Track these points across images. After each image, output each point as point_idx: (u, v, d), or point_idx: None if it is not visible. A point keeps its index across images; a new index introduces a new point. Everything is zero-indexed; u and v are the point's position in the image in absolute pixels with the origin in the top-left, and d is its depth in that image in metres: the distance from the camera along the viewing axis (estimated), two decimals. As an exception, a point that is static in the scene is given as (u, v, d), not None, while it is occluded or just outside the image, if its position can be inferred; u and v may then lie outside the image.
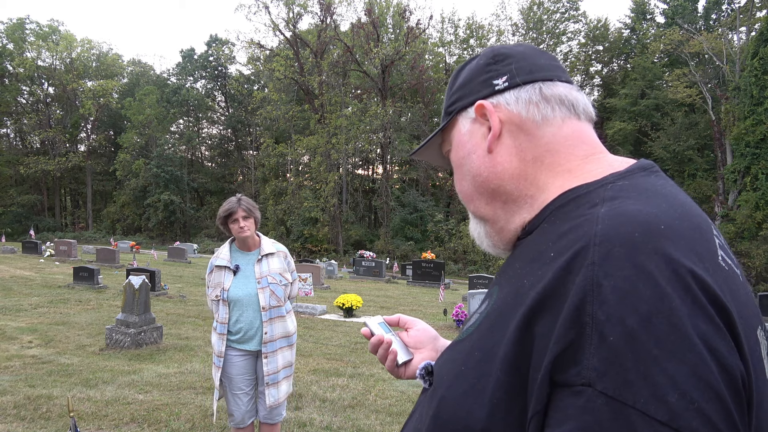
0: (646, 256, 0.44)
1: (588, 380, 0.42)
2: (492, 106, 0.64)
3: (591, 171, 0.60)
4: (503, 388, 0.50)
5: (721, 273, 0.47)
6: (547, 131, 0.62)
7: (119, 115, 43.20)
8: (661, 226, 0.46)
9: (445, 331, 8.07)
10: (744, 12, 26.93)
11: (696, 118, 28.34)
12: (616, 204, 0.51)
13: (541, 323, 0.47)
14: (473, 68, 0.69)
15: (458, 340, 0.64)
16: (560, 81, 0.65)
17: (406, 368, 0.82)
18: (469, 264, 27.24)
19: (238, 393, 2.76)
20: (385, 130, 32.12)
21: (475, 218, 0.71)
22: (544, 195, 0.61)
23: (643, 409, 0.39)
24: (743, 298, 0.50)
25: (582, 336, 0.43)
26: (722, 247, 0.52)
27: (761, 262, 21.34)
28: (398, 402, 4.43)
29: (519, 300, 0.52)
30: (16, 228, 37.75)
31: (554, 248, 0.51)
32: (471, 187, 0.68)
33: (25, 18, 40.50)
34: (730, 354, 0.42)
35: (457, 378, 0.57)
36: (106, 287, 11.74)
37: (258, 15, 72.38)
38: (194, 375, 5.08)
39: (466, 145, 0.68)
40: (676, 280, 0.43)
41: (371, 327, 0.87)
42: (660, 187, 0.55)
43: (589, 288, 0.44)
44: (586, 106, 0.65)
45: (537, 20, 35.14)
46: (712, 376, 0.40)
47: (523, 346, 0.48)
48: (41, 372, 5.13)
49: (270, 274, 2.78)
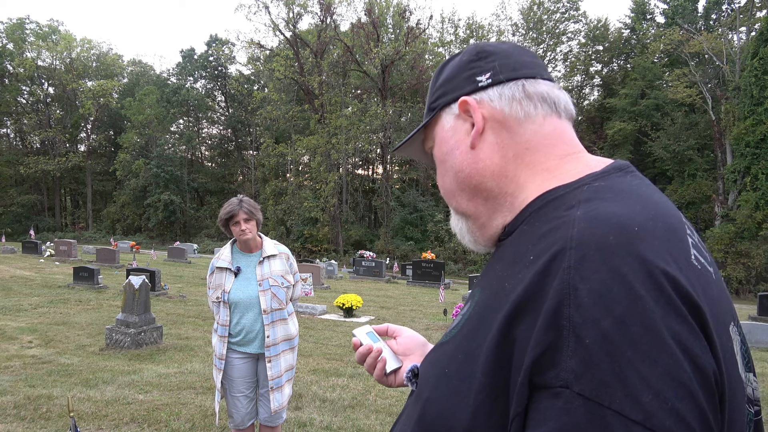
0: (620, 259, 0.44)
1: (566, 382, 0.42)
2: (476, 102, 0.64)
3: (569, 171, 0.61)
4: (485, 390, 0.50)
5: (693, 272, 0.48)
6: (528, 128, 0.63)
7: (119, 115, 43.15)
8: (635, 228, 0.47)
9: (445, 331, 8.07)
10: (744, 12, 26.91)
11: (696, 118, 28.31)
12: (591, 206, 0.51)
13: (521, 326, 0.48)
14: (456, 65, 0.69)
15: (442, 342, 0.64)
16: (543, 79, 0.65)
17: (395, 376, 0.83)
18: (469, 264, 27.24)
19: (238, 395, 2.75)
20: (385, 130, 32.10)
21: (457, 214, 0.71)
22: (523, 194, 0.62)
23: (618, 410, 0.40)
24: (716, 296, 0.50)
25: (560, 339, 0.43)
26: (695, 246, 0.53)
27: (761, 262, 21.32)
28: (398, 402, 4.43)
29: (500, 303, 0.52)
30: (16, 228, 37.72)
31: (533, 251, 0.52)
32: (453, 183, 0.68)
33: (25, 18, 40.48)
34: (703, 352, 0.43)
35: (440, 380, 0.58)
36: (106, 287, 11.73)
37: (258, 15, 72.44)
38: (194, 375, 5.08)
39: (449, 141, 0.68)
40: (649, 281, 0.44)
41: (359, 337, 0.87)
42: (635, 187, 0.56)
43: (565, 291, 0.45)
44: (567, 104, 0.66)
45: (537, 20, 35.11)
46: (686, 375, 0.41)
47: (504, 349, 0.49)
48: (41, 372, 5.12)
49: (272, 276, 2.75)
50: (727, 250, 22.35)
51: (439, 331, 8.02)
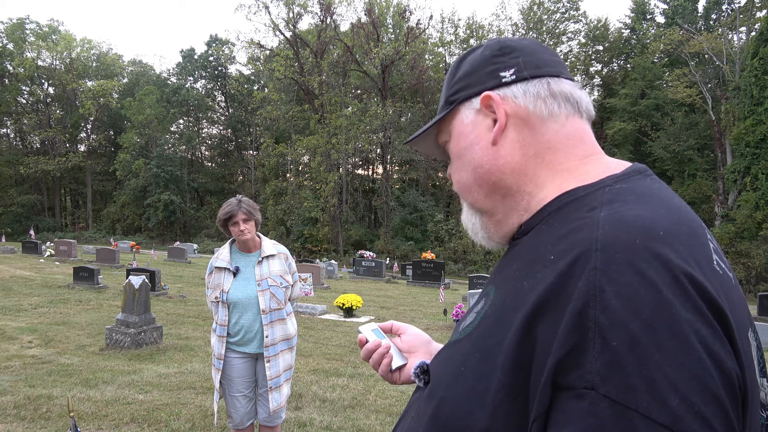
0: (647, 263, 0.44)
1: (591, 384, 0.42)
2: (499, 97, 0.63)
3: (589, 172, 0.60)
4: (504, 389, 0.50)
5: (716, 277, 0.48)
6: (550, 128, 0.62)
7: (119, 115, 43.15)
8: (660, 232, 0.47)
9: (445, 331, 8.07)
10: (744, 12, 26.91)
11: (696, 118, 28.32)
12: (615, 208, 0.51)
13: (543, 326, 0.47)
14: (477, 59, 0.67)
15: (456, 339, 0.64)
16: (565, 78, 0.65)
17: (400, 373, 0.83)
18: (469, 264, 27.23)
19: (237, 395, 2.75)
20: (385, 130, 32.09)
21: (471, 209, 0.70)
22: (542, 193, 0.62)
23: (645, 413, 0.40)
24: (736, 301, 0.51)
25: (585, 340, 0.43)
26: (716, 251, 0.53)
27: (761, 262, 21.33)
28: (398, 402, 4.43)
29: (519, 302, 0.52)
30: (16, 228, 37.73)
31: (554, 251, 0.51)
32: (471, 179, 0.67)
33: (25, 18, 40.47)
34: (728, 357, 0.43)
35: (456, 379, 0.57)
36: (106, 287, 11.74)
37: (258, 15, 72.37)
38: (194, 375, 5.08)
39: (468, 136, 0.67)
40: (676, 285, 0.44)
41: (366, 334, 0.88)
42: (656, 191, 0.55)
43: (591, 293, 0.44)
44: (588, 105, 0.65)
45: (537, 20, 35.09)
46: (712, 380, 0.41)
47: (524, 349, 0.49)
48: (41, 372, 5.13)
49: (270, 276, 2.76)
50: (727, 250, 22.35)
51: (439, 331, 8.02)
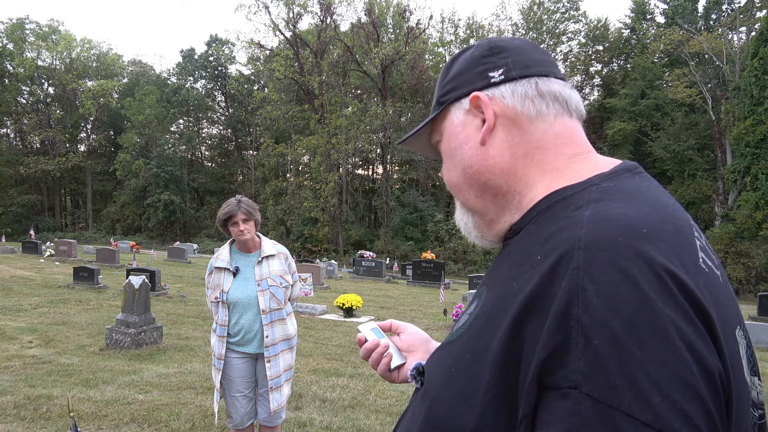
0: (629, 261, 0.44)
1: (574, 383, 0.42)
2: (487, 98, 0.64)
3: (578, 171, 0.60)
4: (492, 390, 0.50)
5: (701, 275, 0.48)
6: (539, 127, 0.63)
7: (119, 115, 43.15)
8: (643, 230, 0.47)
9: (445, 331, 8.07)
10: (744, 12, 26.91)
11: (696, 118, 28.31)
12: (600, 207, 0.51)
13: (529, 327, 0.48)
14: (468, 59, 0.68)
15: (449, 341, 0.64)
16: (555, 77, 0.65)
17: (399, 372, 0.83)
18: (469, 264, 27.23)
19: (237, 395, 2.75)
20: (385, 130, 32.09)
21: (464, 209, 0.71)
22: (531, 193, 0.62)
23: (627, 411, 0.40)
24: (723, 299, 0.50)
25: (568, 340, 0.43)
26: (703, 249, 0.52)
27: (761, 262, 21.32)
28: (398, 402, 4.43)
29: (507, 303, 0.52)
30: (16, 228, 37.71)
31: (541, 251, 0.51)
32: (461, 179, 0.68)
33: (25, 18, 40.46)
34: (710, 355, 0.43)
35: (447, 380, 0.58)
36: (106, 287, 11.74)
37: (258, 15, 72.39)
38: (194, 375, 5.08)
39: (458, 136, 0.67)
40: (658, 283, 0.44)
41: (365, 333, 0.88)
42: (644, 188, 0.56)
43: (574, 292, 0.44)
44: (578, 104, 0.65)
45: (537, 20, 35.09)
46: (694, 377, 0.41)
47: (512, 350, 0.49)
48: (41, 372, 5.13)
49: (270, 276, 2.76)
50: (727, 250, 22.34)
51: (439, 331, 8.02)
